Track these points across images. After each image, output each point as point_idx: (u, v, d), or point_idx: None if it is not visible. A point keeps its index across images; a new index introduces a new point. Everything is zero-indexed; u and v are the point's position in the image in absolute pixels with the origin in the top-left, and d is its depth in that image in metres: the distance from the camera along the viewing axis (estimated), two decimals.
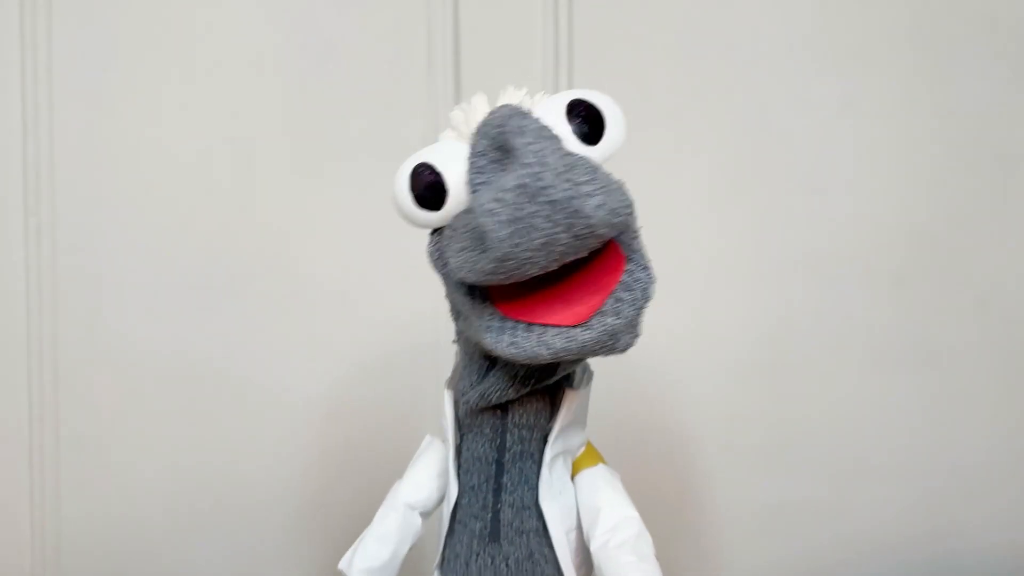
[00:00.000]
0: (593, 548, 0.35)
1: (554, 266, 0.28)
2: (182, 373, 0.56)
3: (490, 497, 0.35)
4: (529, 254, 0.28)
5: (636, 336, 0.30)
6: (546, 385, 0.34)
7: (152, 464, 0.56)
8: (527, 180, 0.27)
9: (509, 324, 0.30)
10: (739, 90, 0.57)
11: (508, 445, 0.35)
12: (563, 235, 0.27)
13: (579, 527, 0.35)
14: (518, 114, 0.29)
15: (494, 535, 0.35)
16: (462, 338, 0.36)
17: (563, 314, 0.30)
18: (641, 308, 0.30)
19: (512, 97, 0.32)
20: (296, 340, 0.57)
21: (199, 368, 0.56)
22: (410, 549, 0.38)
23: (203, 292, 0.56)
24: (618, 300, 0.30)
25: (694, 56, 0.57)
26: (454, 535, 0.36)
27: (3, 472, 0.56)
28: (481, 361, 0.35)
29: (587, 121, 0.31)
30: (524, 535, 0.35)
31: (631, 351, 0.55)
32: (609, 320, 0.29)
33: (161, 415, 0.56)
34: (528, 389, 0.34)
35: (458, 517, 0.36)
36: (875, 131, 0.58)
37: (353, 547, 0.37)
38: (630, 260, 0.31)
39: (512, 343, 0.30)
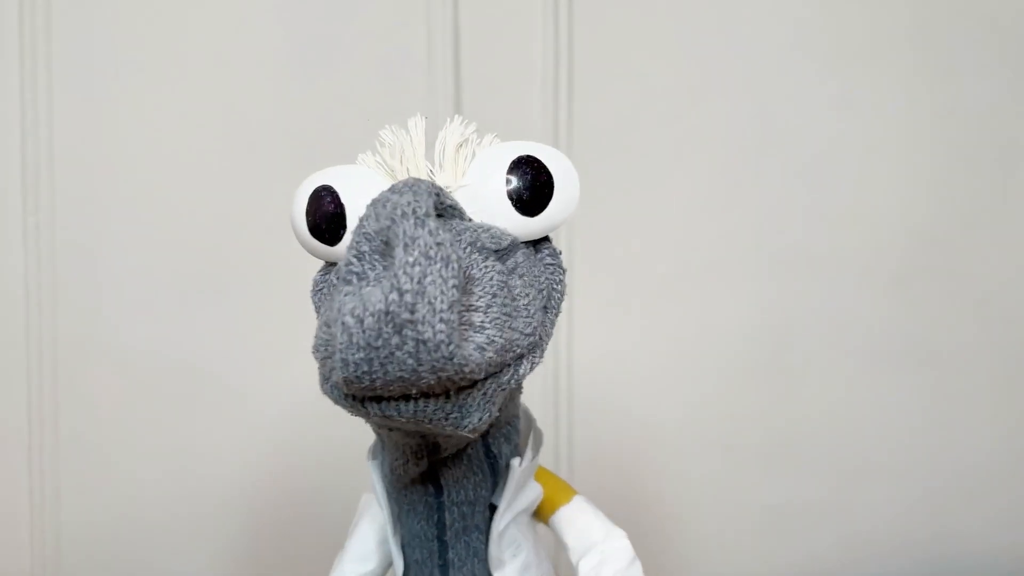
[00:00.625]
0: None
1: (415, 395, 0.23)
2: (182, 373, 0.56)
3: (436, 572, 0.31)
4: (382, 383, 0.23)
5: (490, 415, 0.25)
6: (478, 455, 0.30)
7: (152, 464, 0.56)
8: (395, 308, 0.22)
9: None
10: (739, 90, 0.57)
11: (448, 523, 0.30)
12: (427, 376, 0.22)
13: (541, 570, 0.33)
14: (413, 217, 0.23)
15: None
16: None
17: None
18: (506, 386, 0.25)
19: (454, 136, 0.27)
20: (295, 341, 0.56)
21: (199, 368, 0.56)
22: None
23: (203, 292, 0.56)
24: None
25: (694, 56, 0.57)
26: None
27: (3, 472, 0.56)
28: (375, 429, 0.30)
29: (532, 185, 0.26)
30: None
31: (629, 353, 0.55)
32: (461, 394, 0.24)
33: (161, 415, 0.56)
34: (424, 462, 0.29)
35: None
36: (875, 131, 0.58)
37: None
38: None
39: (343, 398, 0.25)
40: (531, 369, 0.25)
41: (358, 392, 0.24)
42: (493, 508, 0.30)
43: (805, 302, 0.58)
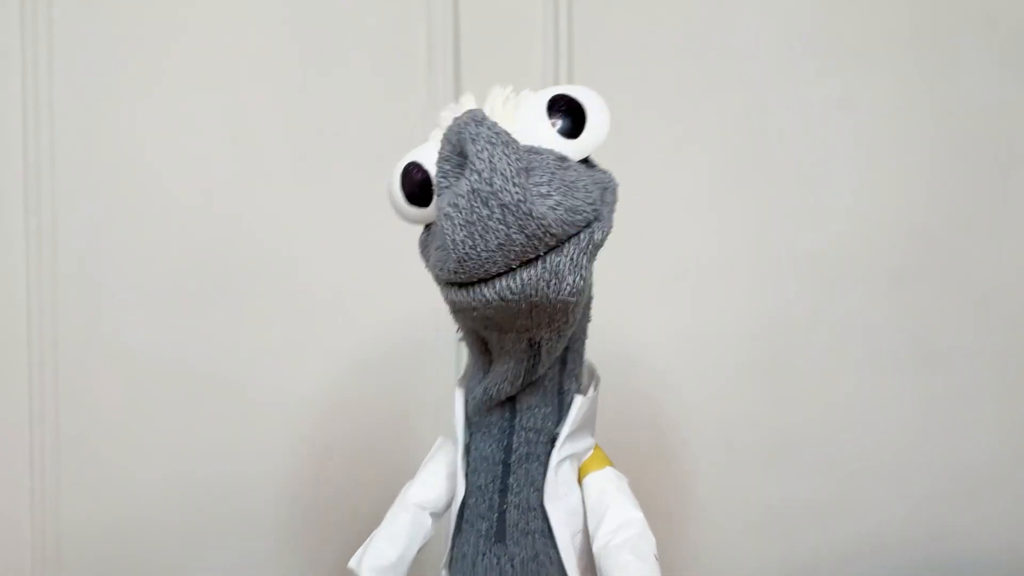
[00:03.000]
0: (595, 548, 0.35)
1: (516, 264, 0.29)
2: (182, 374, 0.56)
3: (496, 498, 0.35)
4: (487, 255, 0.28)
5: (582, 279, 0.30)
6: (556, 388, 0.35)
7: (152, 465, 0.56)
8: (478, 185, 0.28)
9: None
10: (739, 89, 0.57)
11: (515, 447, 0.35)
12: (517, 236, 0.28)
13: (585, 530, 0.36)
14: (473, 121, 0.29)
15: (500, 535, 0.35)
16: (466, 335, 0.36)
17: None
18: (587, 250, 0.30)
19: (497, 97, 0.33)
20: (296, 341, 0.57)
21: (199, 369, 0.56)
22: (420, 550, 0.38)
23: (203, 292, 0.56)
24: (561, 242, 0.30)
25: (694, 55, 0.57)
26: (461, 534, 0.36)
27: (3, 473, 0.56)
28: (481, 358, 0.35)
29: (569, 115, 0.32)
30: (529, 536, 0.35)
31: (631, 352, 0.55)
32: (551, 256, 0.29)
33: (161, 416, 0.56)
34: (521, 380, 0.34)
35: (465, 516, 0.36)
36: (875, 131, 0.58)
37: (363, 546, 0.37)
38: None
39: (460, 291, 0.30)
40: (603, 237, 0.30)
41: (470, 274, 0.29)
42: (552, 444, 0.35)
43: (805, 302, 0.58)
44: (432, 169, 0.32)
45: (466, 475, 0.36)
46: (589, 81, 0.56)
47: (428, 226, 0.34)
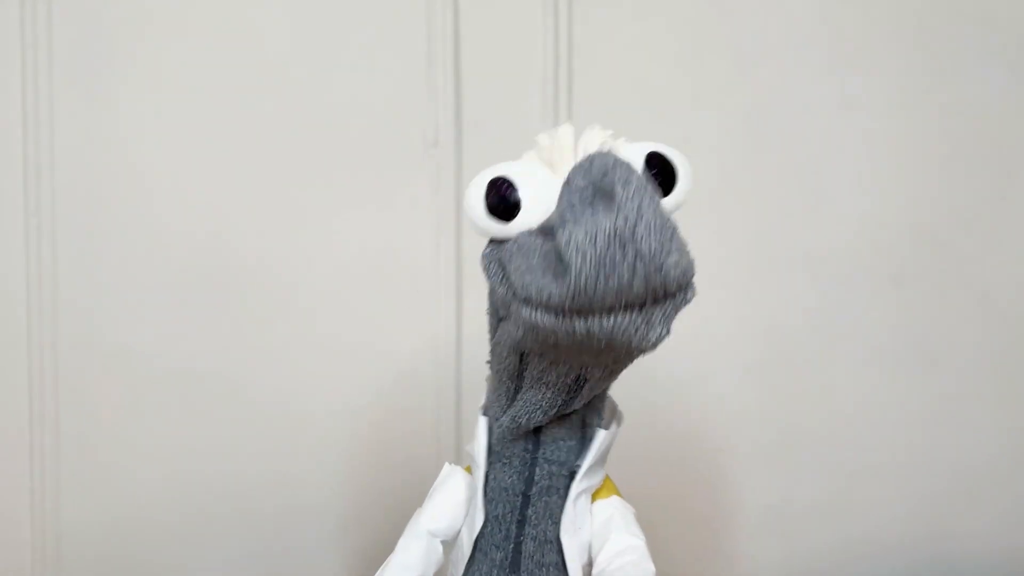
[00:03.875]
0: (594, 573, 0.35)
1: (617, 307, 0.29)
2: (182, 374, 0.56)
3: (513, 528, 0.35)
4: (603, 293, 0.28)
5: (668, 332, 0.31)
6: (579, 422, 0.35)
7: (152, 465, 0.56)
8: (622, 230, 0.28)
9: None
10: (739, 90, 0.57)
11: (536, 479, 0.35)
12: (639, 284, 0.28)
13: (591, 561, 0.36)
14: (623, 165, 0.29)
15: (514, 566, 0.35)
16: (496, 357, 0.36)
17: None
18: (680, 307, 0.31)
19: (596, 137, 0.33)
20: (295, 341, 0.57)
21: (199, 369, 0.56)
22: None
23: (203, 293, 0.56)
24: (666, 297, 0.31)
25: (694, 55, 0.57)
26: (474, 563, 0.36)
27: (3, 472, 0.56)
28: (509, 384, 0.35)
29: (661, 173, 0.33)
30: (544, 568, 0.35)
31: None
32: (648, 308, 0.30)
33: (161, 416, 0.56)
34: (555, 411, 0.34)
35: (479, 546, 0.36)
36: (875, 131, 0.58)
37: (378, 574, 0.37)
38: None
39: (552, 317, 0.30)
40: (692, 296, 0.32)
41: (574, 307, 0.29)
42: (572, 477, 0.35)
43: (806, 303, 0.58)
44: (522, 188, 0.32)
45: (484, 503, 0.36)
46: (589, 81, 0.56)
47: (495, 241, 0.34)
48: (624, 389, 0.57)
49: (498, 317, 0.35)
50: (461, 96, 0.56)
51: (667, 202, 0.33)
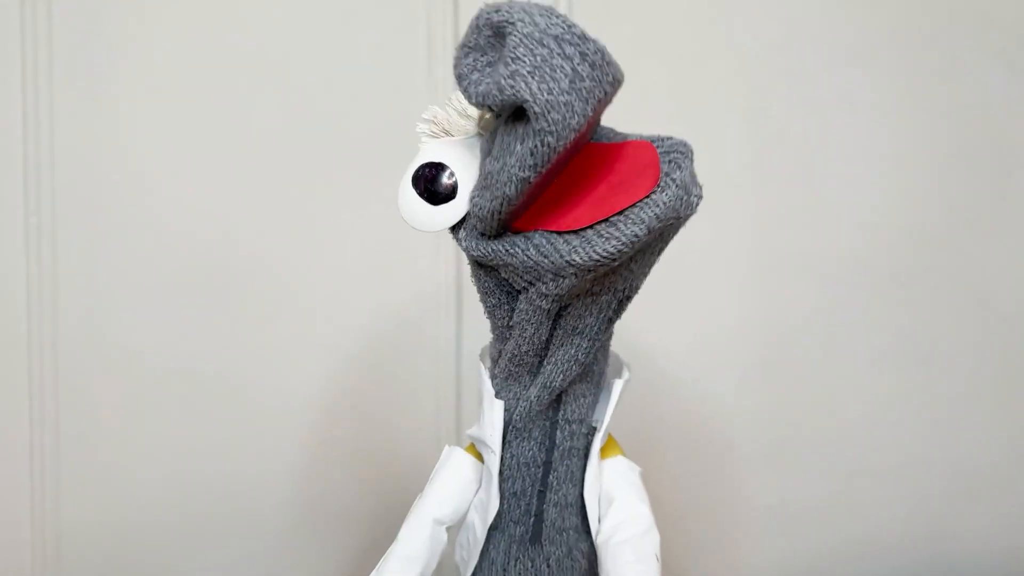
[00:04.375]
0: (599, 541, 0.35)
1: (591, 113, 0.29)
2: (182, 374, 0.56)
3: (534, 501, 0.35)
4: (565, 98, 0.28)
5: (700, 188, 0.31)
6: (595, 376, 0.35)
7: (152, 465, 0.56)
8: (527, 30, 0.28)
9: (590, 231, 0.30)
10: (739, 89, 0.57)
11: (558, 443, 0.35)
12: (581, 66, 0.28)
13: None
14: (492, 4, 0.29)
15: (535, 537, 0.35)
16: (518, 338, 0.34)
17: (629, 193, 0.30)
18: (692, 159, 0.31)
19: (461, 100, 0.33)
20: (295, 340, 0.57)
21: (199, 369, 0.56)
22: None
23: (203, 293, 0.56)
24: (670, 160, 0.30)
25: (694, 56, 0.57)
26: (491, 542, 0.36)
27: (3, 472, 0.56)
28: (532, 360, 0.34)
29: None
30: (564, 533, 0.35)
31: (631, 352, 0.55)
32: (677, 174, 0.30)
33: (161, 416, 0.56)
34: (590, 358, 0.34)
35: (496, 525, 0.35)
36: (875, 131, 0.58)
37: (379, 567, 0.35)
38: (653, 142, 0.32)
39: (604, 239, 0.29)
40: (692, 151, 0.32)
41: (561, 127, 0.28)
42: (590, 435, 0.35)
43: (805, 302, 0.58)
44: (445, 157, 0.32)
45: (500, 482, 0.35)
46: None
47: (458, 226, 0.33)
48: (624, 389, 0.57)
49: (512, 296, 0.33)
50: (461, 96, 0.56)
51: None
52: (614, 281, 0.32)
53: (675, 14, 0.57)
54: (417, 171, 0.32)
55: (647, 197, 0.29)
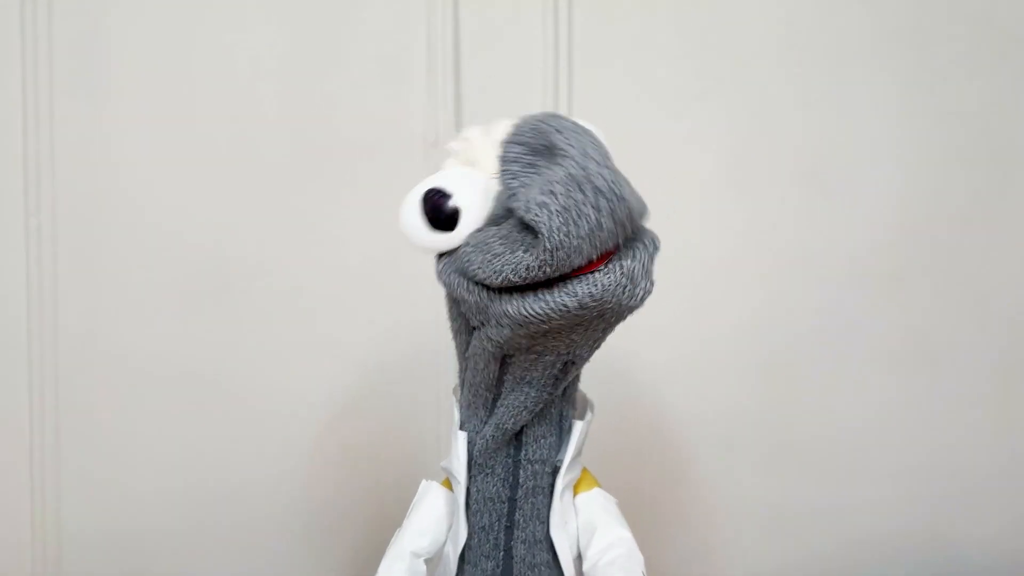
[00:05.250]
0: (586, 567, 0.35)
1: (596, 258, 0.30)
2: (182, 374, 0.56)
3: (502, 536, 0.36)
4: (578, 242, 0.29)
5: (651, 284, 0.31)
6: (554, 416, 0.35)
7: (152, 465, 0.56)
8: (574, 170, 0.28)
9: (530, 290, 0.31)
10: (739, 90, 0.57)
11: (521, 482, 0.35)
12: (606, 221, 0.29)
13: (580, 555, 0.36)
14: (552, 115, 0.30)
15: (506, 572, 0.36)
16: (471, 371, 0.35)
17: (584, 266, 0.30)
18: (653, 256, 0.32)
19: (505, 127, 0.33)
20: (296, 343, 0.57)
21: (199, 369, 0.56)
22: None
23: (203, 292, 0.56)
24: (630, 248, 0.31)
25: (694, 56, 0.57)
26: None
27: (3, 472, 0.56)
28: (487, 395, 0.35)
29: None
30: (535, 568, 0.36)
31: (630, 353, 0.55)
32: (626, 263, 0.30)
33: (161, 416, 0.56)
34: (540, 407, 0.34)
35: (467, 558, 0.36)
36: (875, 131, 0.58)
37: None
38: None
39: (536, 300, 0.30)
40: (659, 242, 0.32)
41: (558, 265, 0.29)
42: (555, 474, 0.36)
43: (805, 302, 0.58)
44: (458, 193, 0.32)
45: (467, 516, 0.36)
46: (589, 81, 0.56)
47: (444, 253, 0.34)
48: (624, 388, 0.57)
49: (470, 329, 0.34)
50: (461, 96, 0.56)
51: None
52: (556, 345, 0.33)
53: (675, 14, 0.57)
54: (428, 192, 0.33)
55: (589, 274, 0.30)
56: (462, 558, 0.36)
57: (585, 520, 0.36)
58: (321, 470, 0.57)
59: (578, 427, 0.36)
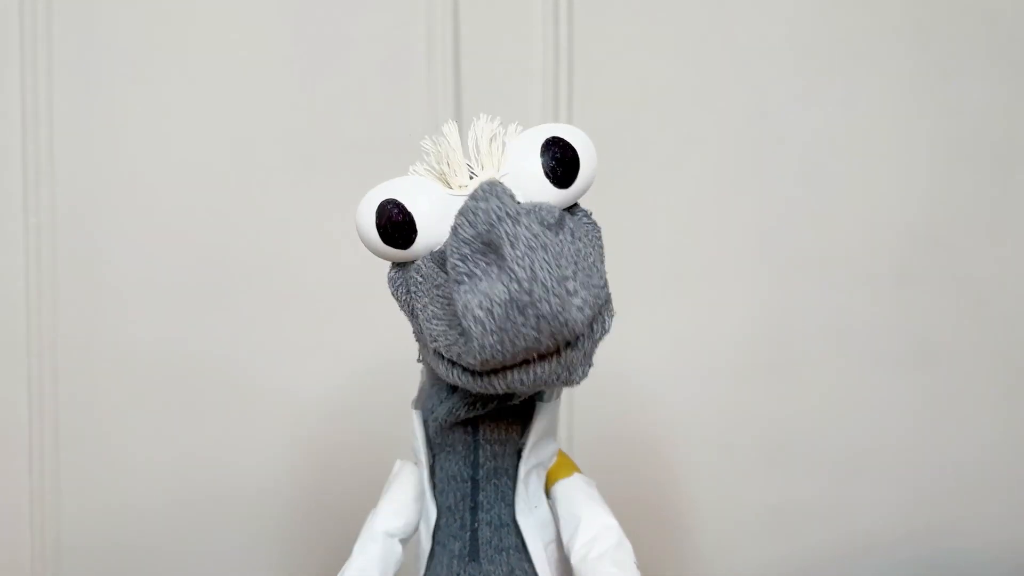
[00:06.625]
0: (574, 561, 0.35)
1: (532, 358, 0.28)
2: (183, 373, 0.56)
3: (467, 516, 0.35)
4: (512, 354, 0.28)
5: (590, 367, 0.30)
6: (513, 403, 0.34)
7: (152, 464, 0.56)
8: (517, 295, 0.27)
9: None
10: (739, 90, 0.57)
11: (481, 462, 0.35)
12: (546, 340, 0.27)
13: (557, 540, 0.36)
14: (510, 217, 0.28)
15: (473, 554, 0.35)
16: (425, 362, 0.35)
17: None
18: (597, 342, 0.30)
19: (484, 133, 0.32)
20: (296, 340, 0.57)
21: (200, 368, 0.56)
22: None
23: (204, 291, 0.56)
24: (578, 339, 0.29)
25: (694, 55, 0.57)
26: (434, 557, 0.36)
27: (3, 472, 0.56)
28: (442, 382, 0.34)
29: (561, 163, 0.31)
30: (503, 552, 0.35)
31: (630, 353, 0.55)
32: (566, 354, 0.28)
33: (162, 415, 0.56)
34: (495, 404, 0.34)
35: (437, 538, 0.36)
36: (875, 131, 0.58)
37: None
38: None
39: (465, 374, 0.29)
40: (611, 319, 0.30)
41: (489, 367, 0.28)
42: (519, 456, 0.35)
43: (805, 302, 0.58)
44: (415, 210, 0.31)
45: (434, 496, 0.36)
46: (589, 81, 0.56)
47: (398, 265, 0.33)
48: (622, 388, 0.57)
49: (417, 338, 0.34)
50: (461, 96, 0.56)
51: (570, 192, 0.31)
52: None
53: (675, 14, 0.57)
54: (385, 203, 0.31)
55: (525, 363, 0.28)
56: (434, 537, 0.36)
57: (567, 510, 0.35)
58: (322, 466, 0.57)
59: (540, 409, 0.35)
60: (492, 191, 0.28)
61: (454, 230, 0.29)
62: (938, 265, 0.59)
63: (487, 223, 0.28)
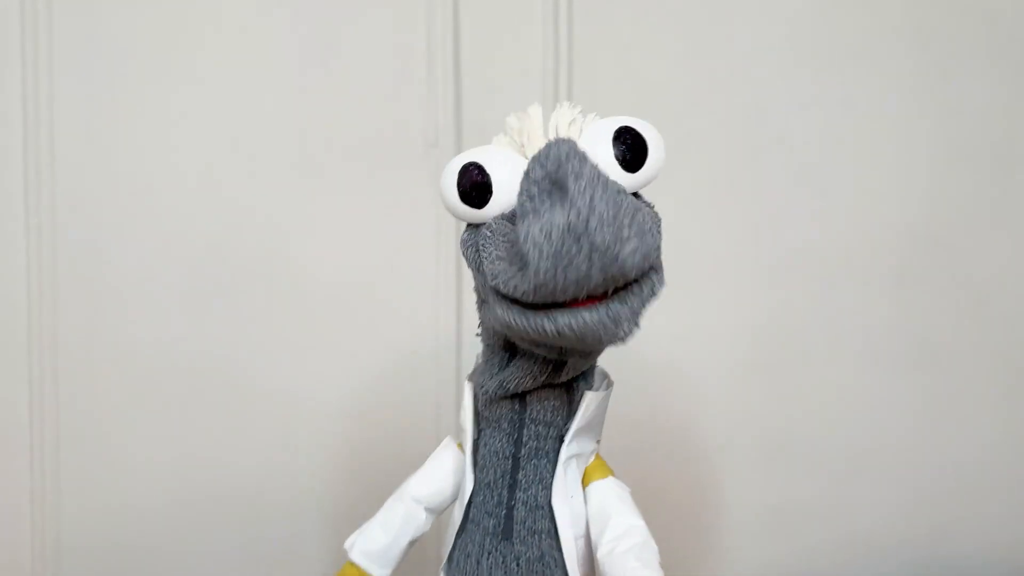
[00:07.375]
0: (600, 555, 0.35)
1: (583, 296, 0.30)
2: (183, 373, 0.56)
3: (505, 493, 0.36)
4: (563, 286, 0.29)
5: (636, 327, 0.31)
6: (564, 383, 0.36)
7: (153, 464, 0.56)
8: (575, 222, 0.28)
9: (518, 302, 0.31)
10: (739, 90, 0.57)
11: (524, 440, 0.36)
12: (596, 275, 0.29)
13: (587, 536, 0.36)
14: (577, 156, 0.30)
15: (507, 533, 0.36)
16: (485, 330, 0.36)
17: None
18: (646, 302, 0.32)
19: (564, 116, 0.34)
20: (297, 339, 0.57)
21: (200, 368, 0.56)
22: (412, 544, 0.39)
23: (204, 292, 0.56)
24: (627, 290, 0.31)
25: (693, 55, 0.57)
26: (466, 533, 0.36)
27: (3, 472, 0.56)
28: (502, 353, 0.36)
29: (632, 149, 0.34)
30: (536, 535, 0.36)
31: (630, 352, 0.55)
32: (614, 306, 0.30)
33: (162, 415, 0.56)
34: (544, 378, 0.35)
35: (471, 515, 0.36)
36: (875, 131, 0.58)
37: (359, 530, 0.39)
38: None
39: (521, 315, 0.31)
40: (661, 287, 0.32)
41: (541, 299, 0.30)
42: (561, 440, 0.36)
43: (804, 301, 0.58)
44: (493, 173, 0.33)
45: (474, 471, 0.36)
46: (589, 81, 0.56)
47: (473, 225, 0.34)
48: (621, 388, 0.57)
49: (481, 298, 0.35)
50: (461, 96, 0.56)
51: (637, 177, 0.33)
52: (555, 348, 0.33)
53: (675, 14, 0.57)
54: (466, 166, 0.33)
55: (575, 308, 0.30)
56: (467, 514, 0.36)
57: (598, 507, 0.36)
58: (323, 464, 0.57)
59: (587, 397, 0.36)
60: (564, 140, 0.31)
61: (526, 174, 0.31)
62: (938, 265, 0.59)
63: (556, 162, 0.30)
